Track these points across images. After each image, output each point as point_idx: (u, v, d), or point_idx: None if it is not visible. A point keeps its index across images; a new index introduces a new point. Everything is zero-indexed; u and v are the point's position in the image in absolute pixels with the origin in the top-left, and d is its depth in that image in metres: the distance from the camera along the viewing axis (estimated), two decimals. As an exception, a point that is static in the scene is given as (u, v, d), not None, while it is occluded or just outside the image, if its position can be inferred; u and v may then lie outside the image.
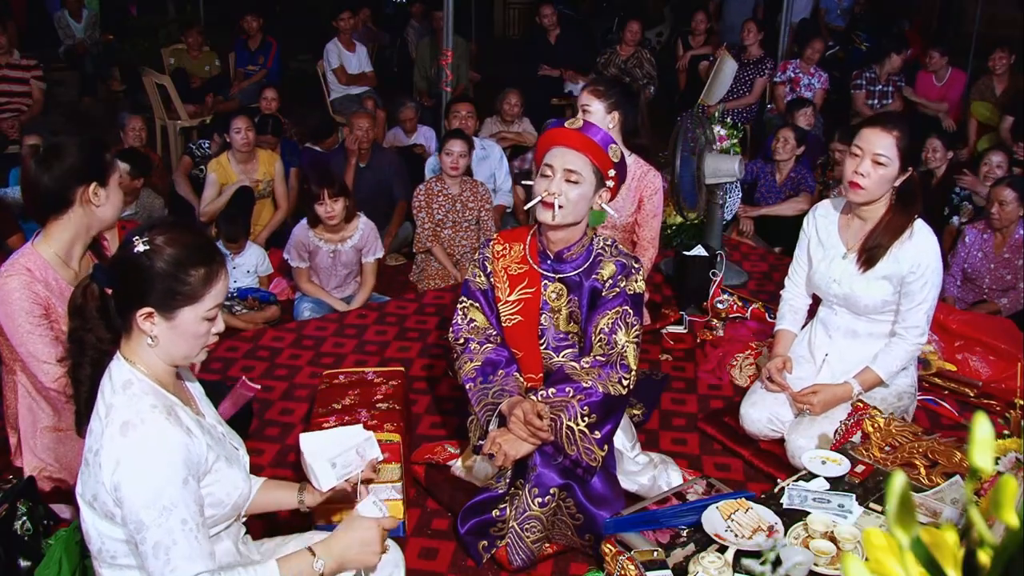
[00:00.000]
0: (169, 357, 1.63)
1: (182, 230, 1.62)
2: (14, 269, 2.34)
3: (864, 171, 2.56)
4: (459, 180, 4.52)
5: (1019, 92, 6.06)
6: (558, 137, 2.36)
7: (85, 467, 1.58)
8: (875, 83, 6.44)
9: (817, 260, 2.83)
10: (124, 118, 5.16)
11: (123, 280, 1.59)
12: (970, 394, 3.25)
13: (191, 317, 1.59)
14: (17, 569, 2.20)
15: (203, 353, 1.68)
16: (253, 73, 7.20)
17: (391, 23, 9.18)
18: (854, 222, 2.74)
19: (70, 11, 7.94)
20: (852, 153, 2.61)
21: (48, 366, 2.37)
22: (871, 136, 2.56)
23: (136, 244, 1.55)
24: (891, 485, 0.70)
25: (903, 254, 2.61)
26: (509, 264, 2.49)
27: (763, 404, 2.80)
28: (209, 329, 1.63)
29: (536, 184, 2.36)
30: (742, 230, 5.16)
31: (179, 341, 1.60)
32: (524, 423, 2.23)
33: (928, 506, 2.08)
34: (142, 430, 1.51)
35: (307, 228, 3.98)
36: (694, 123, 4.08)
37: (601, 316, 2.37)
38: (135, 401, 1.55)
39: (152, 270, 1.54)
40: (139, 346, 1.61)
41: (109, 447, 1.51)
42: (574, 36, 7.47)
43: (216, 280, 1.60)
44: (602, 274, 2.42)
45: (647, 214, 3.30)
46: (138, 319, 1.56)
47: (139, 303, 1.56)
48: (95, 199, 2.37)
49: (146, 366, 1.61)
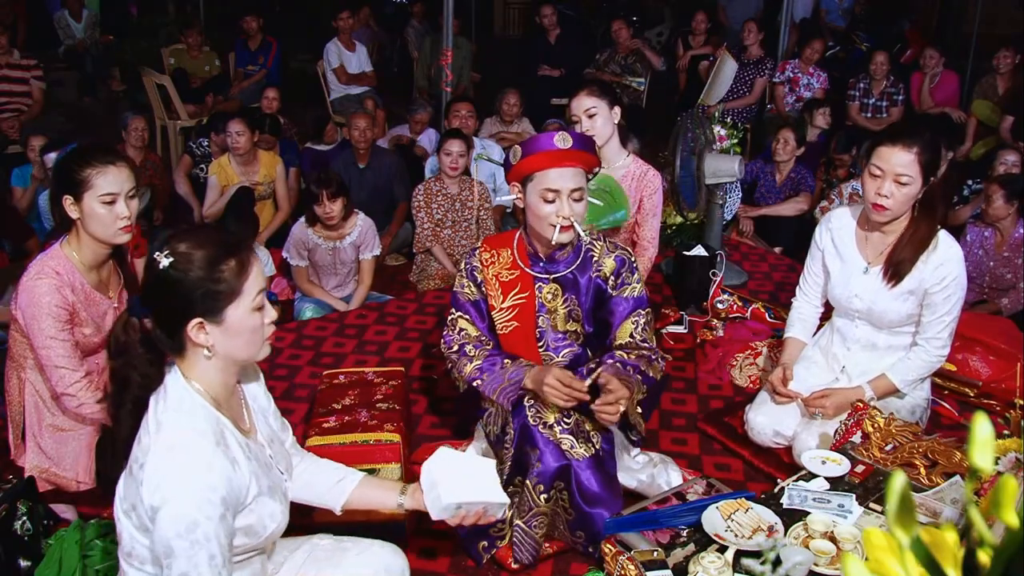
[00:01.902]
0: (231, 364, 1.60)
1: (197, 231, 1.58)
2: (44, 272, 2.36)
3: (887, 192, 2.48)
4: (458, 180, 4.52)
5: (1021, 92, 6.05)
6: (551, 159, 2.29)
7: (128, 475, 1.55)
8: (869, 95, 6.40)
9: (836, 273, 2.75)
10: (127, 118, 5.16)
11: (161, 300, 1.55)
12: (970, 394, 3.25)
13: (239, 313, 1.54)
14: (17, 569, 2.20)
15: (266, 347, 1.63)
16: (253, 73, 7.20)
17: (391, 23, 9.18)
18: (874, 235, 2.66)
19: (70, 11, 7.94)
20: (872, 173, 2.51)
21: (65, 371, 2.38)
22: (890, 155, 2.47)
23: (160, 260, 1.52)
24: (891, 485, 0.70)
25: (928, 266, 2.55)
26: (499, 271, 2.47)
27: (769, 412, 2.78)
28: (262, 320, 1.59)
29: (539, 208, 2.32)
30: (742, 230, 5.17)
31: (237, 342, 1.57)
32: (565, 386, 2.23)
33: (928, 506, 2.08)
34: (187, 459, 1.47)
35: (305, 227, 3.99)
36: (694, 123, 4.08)
37: (625, 320, 2.45)
38: (185, 422, 1.52)
39: (185, 280, 1.50)
40: (196, 362, 1.56)
41: (153, 467, 1.48)
42: (574, 36, 7.47)
43: (249, 268, 1.56)
44: (603, 271, 2.42)
45: (647, 213, 3.30)
46: (190, 333, 1.53)
47: (185, 317, 1.52)
48: (71, 212, 2.37)
49: (203, 382, 1.57)
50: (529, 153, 2.32)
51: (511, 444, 2.33)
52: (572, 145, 2.29)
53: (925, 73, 6.52)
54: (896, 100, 6.35)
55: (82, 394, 2.41)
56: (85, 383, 2.42)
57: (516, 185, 2.40)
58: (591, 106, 3.18)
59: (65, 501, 2.50)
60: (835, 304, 2.80)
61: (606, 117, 3.19)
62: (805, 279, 2.89)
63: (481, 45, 8.79)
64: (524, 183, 2.36)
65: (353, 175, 4.92)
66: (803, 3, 8.16)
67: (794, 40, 7.14)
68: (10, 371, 2.56)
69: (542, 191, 2.30)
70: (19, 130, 5.93)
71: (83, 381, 2.41)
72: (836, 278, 2.75)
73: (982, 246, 4.13)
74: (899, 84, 6.38)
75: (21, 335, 2.46)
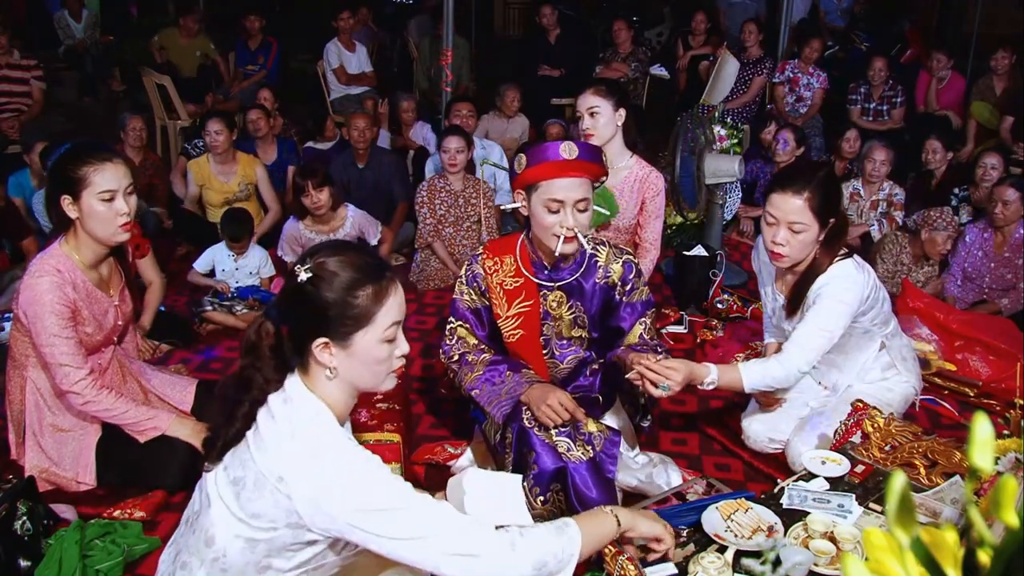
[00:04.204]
0: (352, 388, 1.58)
1: (345, 251, 1.56)
2: (45, 270, 2.36)
3: (782, 240, 2.43)
4: (461, 176, 4.52)
5: (1019, 92, 6.04)
6: (556, 169, 2.27)
7: (255, 490, 1.50)
8: (869, 100, 6.40)
9: (766, 301, 2.80)
10: (125, 118, 5.15)
11: (293, 313, 1.54)
12: (970, 394, 3.25)
13: (367, 342, 1.52)
14: (17, 569, 2.20)
15: (391, 380, 1.62)
16: (253, 73, 7.20)
17: (391, 23, 9.17)
18: (787, 274, 2.64)
19: (70, 11, 7.93)
20: (767, 221, 2.47)
21: (69, 369, 2.39)
22: (781, 203, 2.41)
23: (299, 273, 1.50)
24: (891, 485, 0.70)
25: (815, 284, 2.50)
26: (503, 279, 2.45)
27: (764, 419, 2.78)
28: (391, 353, 1.57)
29: (543, 218, 2.31)
30: (742, 230, 5.17)
31: (360, 369, 1.55)
32: (567, 412, 2.25)
33: (928, 506, 2.08)
34: (333, 455, 1.48)
35: (297, 222, 4.00)
36: (694, 123, 4.08)
37: (636, 324, 2.47)
38: (320, 432, 1.51)
39: (319, 298, 1.49)
40: (318, 380, 1.55)
41: (298, 471, 1.46)
42: (574, 36, 7.47)
43: (386, 298, 1.54)
44: (612, 277, 2.41)
45: (649, 215, 3.29)
46: (315, 352, 1.52)
47: (313, 335, 1.51)
48: (70, 212, 2.37)
49: (324, 398, 1.56)
50: (534, 163, 2.29)
51: (511, 448, 2.33)
52: (578, 156, 2.27)
53: (933, 75, 6.51)
54: (896, 103, 6.34)
55: (87, 391, 2.42)
56: (90, 381, 2.42)
57: (521, 193, 2.37)
58: (594, 105, 3.17)
59: (65, 501, 2.50)
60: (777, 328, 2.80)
61: (609, 117, 3.18)
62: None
63: (481, 45, 8.78)
64: (529, 192, 2.34)
65: (353, 175, 4.92)
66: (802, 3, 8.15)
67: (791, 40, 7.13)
68: (11, 370, 2.56)
69: (547, 201, 2.28)
70: (19, 130, 5.92)
71: (88, 379, 2.41)
72: (767, 306, 2.80)
73: (982, 247, 4.13)
74: (898, 87, 6.37)
75: (23, 334, 2.46)
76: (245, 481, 1.51)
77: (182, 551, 1.64)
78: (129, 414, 2.50)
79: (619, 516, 1.70)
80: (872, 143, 4.90)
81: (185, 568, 1.60)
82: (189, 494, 1.60)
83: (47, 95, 6.50)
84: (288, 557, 1.54)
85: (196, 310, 3.91)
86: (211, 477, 1.58)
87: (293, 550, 1.53)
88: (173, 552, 1.69)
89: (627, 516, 1.73)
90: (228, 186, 4.78)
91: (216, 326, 3.87)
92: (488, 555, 1.48)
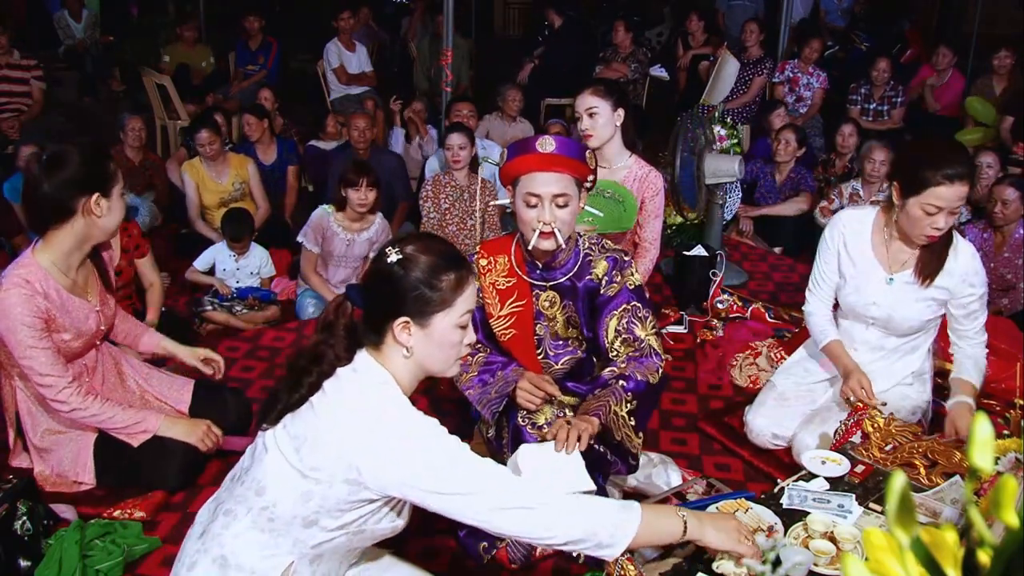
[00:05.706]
0: (423, 369, 1.67)
1: (430, 239, 1.69)
2: (12, 282, 2.31)
3: (942, 225, 2.48)
4: (466, 173, 4.52)
5: (1019, 92, 6.03)
6: (533, 163, 2.25)
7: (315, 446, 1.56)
8: (869, 100, 6.40)
9: (851, 278, 2.71)
10: (124, 119, 5.16)
11: (379, 292, 1.65)
12: (970, 394, 3.25)
13: (445, 324, 1.63)
14: (17, 569, 2.20)
15: (456, 366, 1.72)
16: (253, 73, 7.20)
17: (391, 23, 9.18)
18: (894, 243, 2.63)
19: (70, 11, 7.93)
20: (926, 211, 2.47)
21: (51, 378, 2.36)
22: (950, 193, 2.44)
23: (389, 255, 1.62)
24: (891, 485, 0.70)
25: (954, 277, 2.56)
26: (496, 279, 2.44)
27: (768, 414, 2.78)
28: (462, 339, 1.68)
29: (522, 212, 2.30)
30: (742, 230, 5.17)
31: (435, 350, 1.65)
32: (535, 387, 2.25)
33: (928, 506, 2.08)
34: (397, 416, 1.57)
35: (328, 213, 3.98)
36: (694, 123, 4.08)
37: (609, 317, 2.36)
38: (384, 397, 1.59)
39: (407, 279, 1.60)
40: (390, 357, 1.64)
41: (362, 430, 1.55)
42: (574, 36, 7.46)
43: (465, 286, 1.65)
44: (596, 273, 2.40)
45: (649, 215, 3.29)
46: (395, 330, 1.61)
47: (395, 314, 1.61)
48: (97, 209, 2.36)
49: (394, 374, 1.64)
50: (513, 156, 2.30)
51: (507, 446, 2.33)
52: (554, 150, 2.24)
53: (936, 70, 6.49)
54: (896, 103, 6.35)
55: (73, 399, 2.40)
56: (74, 388, 2.40)
57: (511, 189, 2.39)
58: (593, 105, 3.17)
59: (65, 501, 2.50)
60: (847, 308, 2.76)
61: (607, 118, 3.18)
62: (817, 282, 2.80)
63: (481, 45, 8.78)
64: (514, 186, 2.35)
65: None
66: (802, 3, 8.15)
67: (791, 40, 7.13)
68: (2, 378, 2.55)
69: (524, 195, 2.28)
70: (19, 130, 5.92)
71: (72, 387, 2.40)
72: (851, 284, 2.70)
73: (981, 247, 4.13)
74: (899, 87, 6.37)
75: (2, 345, 2.43)
76: (306, 437, 1.57)
77: (224, 501, 1.68)
78: (117, 419, 2.49)
79: (687, 521, 1.68)
80: (871, 143, 4.90)
81: (229, 515, 1.64)
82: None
83: (47, 95, 6.50)
84: (336, 516, 1.58)
85: (196, 310, 3.91)
86: (268, 434, 1.64)
87: (343, 509, 1.58)
88: (213, 505, 1.73)
89: (696, 525, 1.69)
90: (222, 186, 4.78)
91: (216, 326, 3.87)
92: (542, 508, 1.56)
